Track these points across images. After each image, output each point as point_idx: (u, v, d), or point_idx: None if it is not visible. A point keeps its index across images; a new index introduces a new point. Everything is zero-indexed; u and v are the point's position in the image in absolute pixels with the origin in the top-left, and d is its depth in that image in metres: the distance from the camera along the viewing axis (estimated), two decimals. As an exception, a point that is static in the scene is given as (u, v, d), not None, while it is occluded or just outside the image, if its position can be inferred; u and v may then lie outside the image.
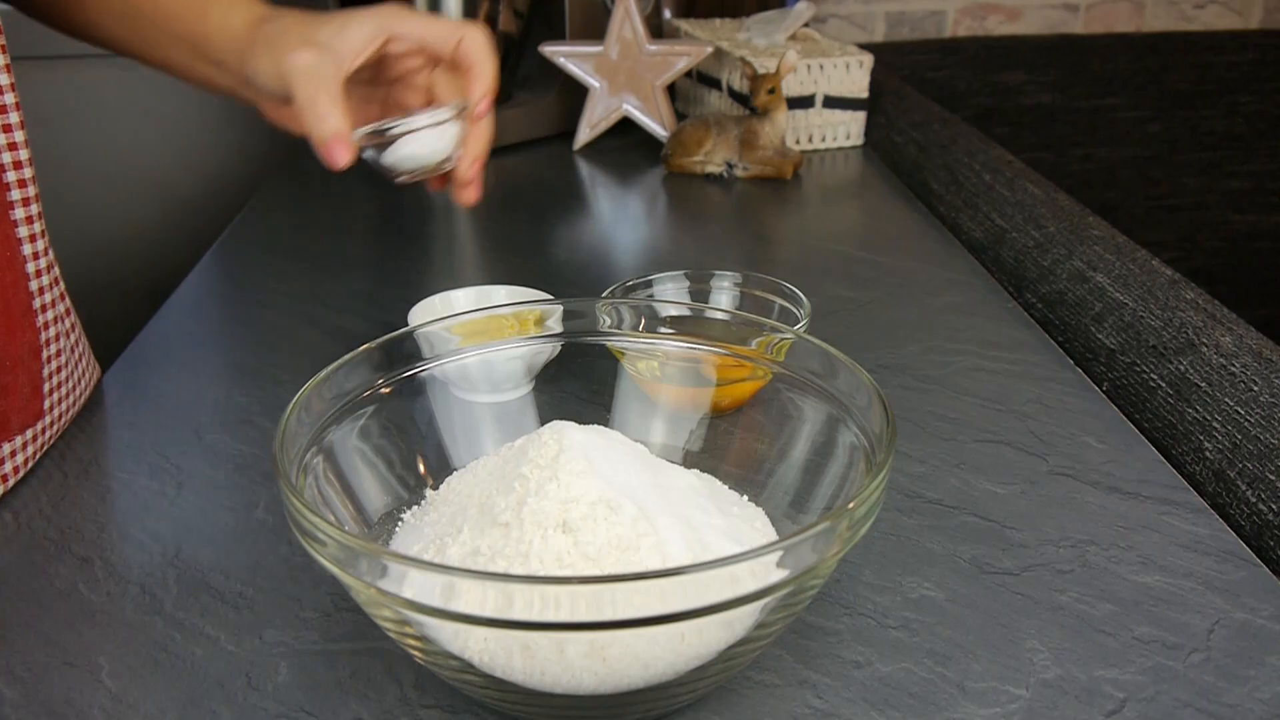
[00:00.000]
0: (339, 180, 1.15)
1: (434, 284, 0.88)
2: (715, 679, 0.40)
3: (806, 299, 0.64)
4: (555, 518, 0.39)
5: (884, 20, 1.67)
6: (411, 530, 0.46)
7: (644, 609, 0.33)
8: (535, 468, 0.41)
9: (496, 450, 0.48)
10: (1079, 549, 0.51)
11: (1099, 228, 0.84)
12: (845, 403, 0.46)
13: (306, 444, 0.43)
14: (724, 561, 0.33)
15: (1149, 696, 0.42)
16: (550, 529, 0.39)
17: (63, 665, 0.44)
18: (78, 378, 0.63)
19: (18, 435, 0.57)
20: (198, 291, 0.85)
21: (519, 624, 0.33)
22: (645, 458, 0.45)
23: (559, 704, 0.38)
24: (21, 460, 0.57)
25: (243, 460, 0.59)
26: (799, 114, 1.18)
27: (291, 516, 0.37)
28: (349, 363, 0.46)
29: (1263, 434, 0.57)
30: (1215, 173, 1.65)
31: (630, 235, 0.99)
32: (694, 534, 0.41)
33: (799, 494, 0.47)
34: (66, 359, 0.61)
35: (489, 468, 0.46)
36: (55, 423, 0.61)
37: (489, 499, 0.42)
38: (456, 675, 0.39)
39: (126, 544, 0.52)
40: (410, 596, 0.34)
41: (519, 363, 0.53)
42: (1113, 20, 1.72)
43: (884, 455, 0.40)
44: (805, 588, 0.37)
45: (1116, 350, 0.71)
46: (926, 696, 0.42)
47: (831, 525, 0.35)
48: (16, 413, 0.57)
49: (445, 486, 0.48)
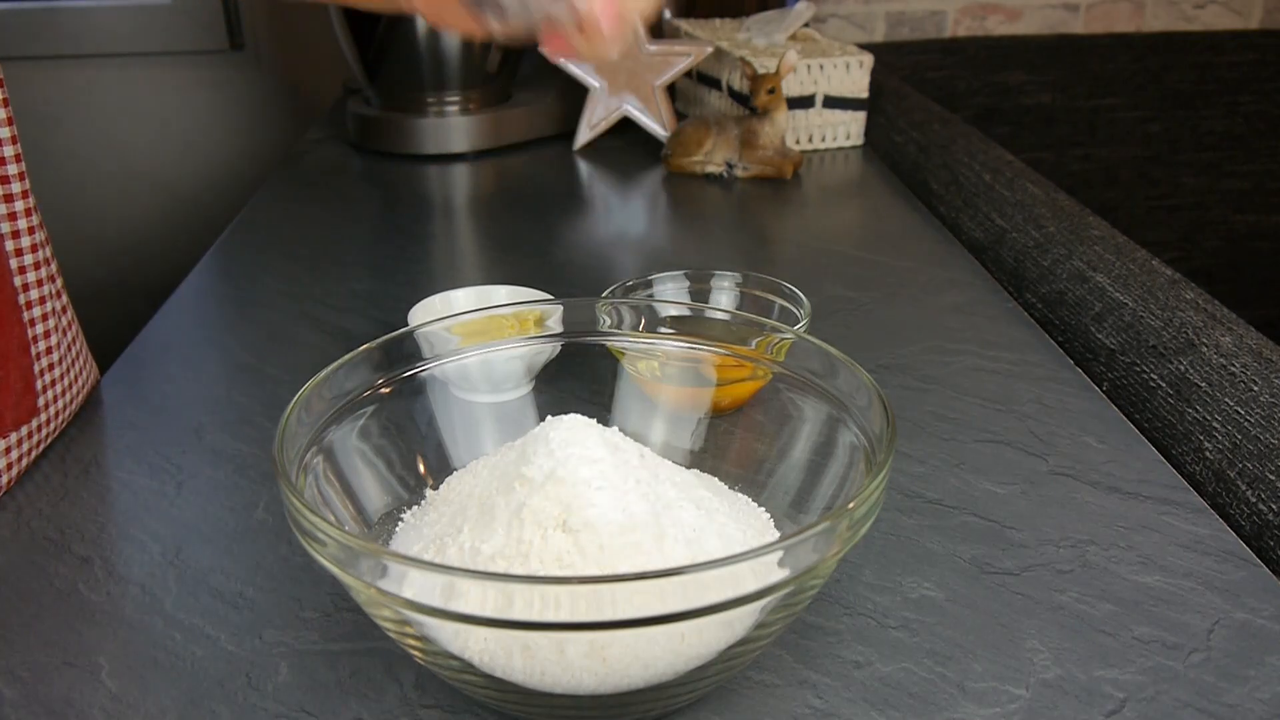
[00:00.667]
0: (339, 180, 1.15)
1: (434, 284, 0.88)
2: (715, 679, 0.40)
3: (806, 299, 0.64)
4: (555, 518, 0.39)
5: (884, 20, 1.67)
6: (411, 530, 0.46)
7: (644, 609, 0.33)
8: (536, 468, 0.41)
9: (496, 450, 0.48)
10: (1079, 549, 0.51)
11: (1099, 228, 0.84)
12: (845, 402, 0.46)
13: (306, 444, 0.43)
14: (724, 561, 0.33)
15: (1149, 696, 0.42)
16: (550, 529, 0.39)
17: (63, 665, 0.44)
18: (74, 376, 0.63)
19: (12, 432, 0.57)
20: (198, 291, 0.85)
21: (519, 624, 0.33)
22: (647, 456, 0.45)
23: (559, 704, 0.38)
24: (16, 457, 0.57)
25: (243, 460, 0.59)
26: (799, 114, 1.18)
27: (291, 516, 0.37)
28: (349, 363, 0.46)
29: (1263, 434, 0.57)
30: (1215, 173, 1.65)
31: (630, 235, 0.99)
32: (694, 534, 0.41)
33: (799, 494, 0.47)
34: (62, 357, 0.61)
35: (489, 467, 0.46)
36: (52, 420, 0.60)
37: (489, 499, 0.42)
38: (457, 675, 0.39)
39: (126, 544, 0.52)
40: (410, 596, 0.34)
41: (519, 363, 0.53)
42: (1113, 20, 1.72)
43: (884, 455, 0.40)
44: (805, 588, 0.37)
45: (1116, 350, 0.71)
46: (926, 696, 0.42)
47: (832, 525, 0.35)
48: (10, 409, 0.56)
49: (445, 486, 0.48)
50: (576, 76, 1.19)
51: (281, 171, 1.18)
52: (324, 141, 1.28)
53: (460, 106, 1.20)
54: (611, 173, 1.15)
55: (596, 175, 1.15)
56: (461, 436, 0.51)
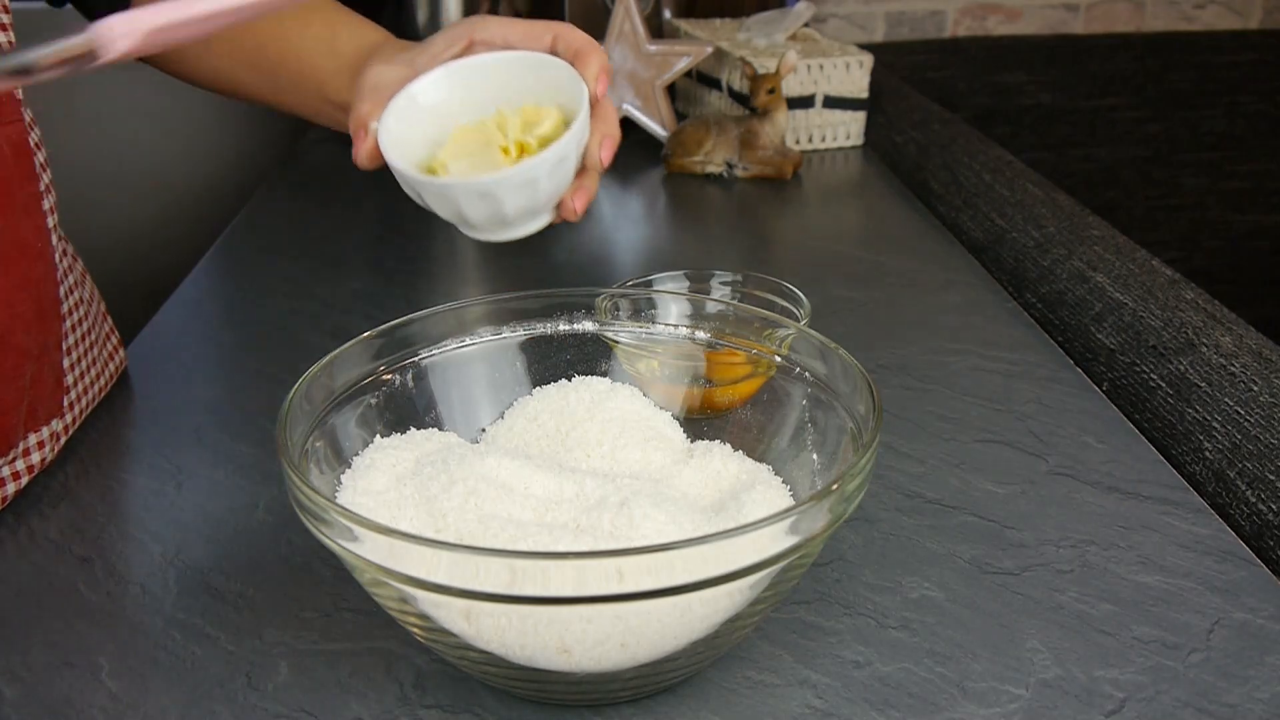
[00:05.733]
0: (339, 180, 1.15)
1: (434, 284, 0.88)
2: (709, 655, 0.41)
3: (806, 299, 0.64)
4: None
5: (884, 20, 1.67)
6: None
7: (647, 584, 0.34)
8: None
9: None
10: (1079, 549, 0.51)
11: (1099, 228, 0.84)
12: (834, 388, 0.46)
13: (309, 428, 0.43)
14: (715, 537, 0.34)
15: (1149, 696, 0.42)
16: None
17: (63, 665, 0.44)
18: (100, 367, 0.64)
19: (44, 426, 0.58)
20: (198, 291, 0.85)
21: (522, 599, 0.34)
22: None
23: (551, 679, 0.39)
24: (50, 451, 0.58)
25: (243, 460, 0.59)
26: (799, 114, 1.18)
27: (295, 498, 0.37)
28: (349, 350, 0.47)
29: (1263, 434, 0.57)
30: (1215, 173, 1.65)
31: (630, 235, 0.99)
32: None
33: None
34: (87, 350, 0.62)
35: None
36: (79, 408, 0.62)
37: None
38: (455, 651, 0.39)
39: (126, 544, 0.52)
40: (413, 574, 0.34)
41: (529, 190, 0.49)
42: (1113, 20, 1.72)
43: (869, 436, 0.41)
44: (799, 564, 0.38)
45: (1116, 350, 0.71)
46: (926, 696, 0.42)
47: (819, 502, 0.37)
48: (43, 403, 0.58)
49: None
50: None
51: (281, 171, 1.18)
52: (324, 141, 1.28)
53: (460, 106, 1.19)
54: (611, 173, 1.15)
55: (596, 175, 1.15)
56: (461, 420, 0.51)
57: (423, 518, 0.41)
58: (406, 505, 0.42)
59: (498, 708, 0.42)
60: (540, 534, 0.39)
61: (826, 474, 0.45)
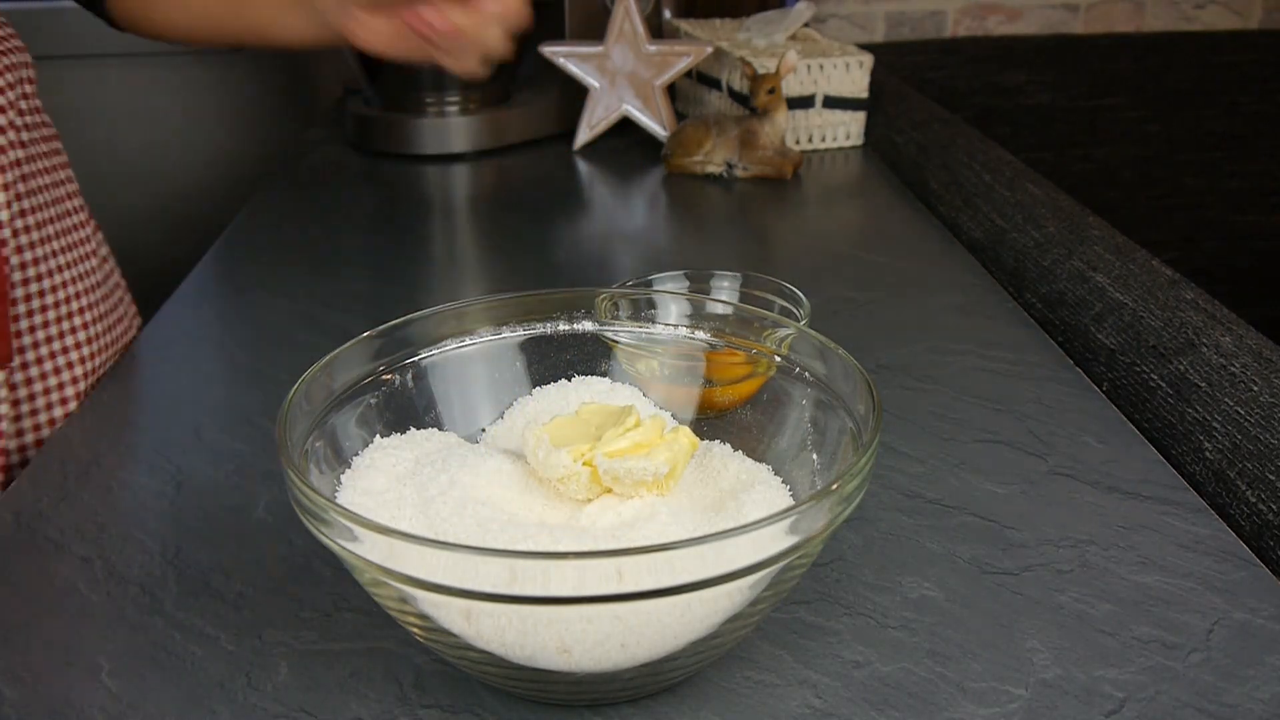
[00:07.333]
0: (339, 180, 1.15)
1: (434, 284, 0.88)
2: (709, 655, 0.40)
3: (806, 299, 0.64)
4: None
5: (884, 20, 1.67)
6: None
7: (648, 583, 0.34)
8: None
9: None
10: (1079, 549, 0.51)
11: (1099, 228, 0.84)
12: (834, 388, 0.46)
13: (309, 428, 0.43)
14: (718, 536, 0.34)
15: (1149, 696, 0.42)
16: None
17: (63, 665, 0.44)
18: (115, 319, 0.66)
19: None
20: (198, 291, 0.85)
21: (522, 599, 0.34)
22: None
23: (553, 679, 0.39)
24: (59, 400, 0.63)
25: (243, 460, 0.59)
26: (799, 114, 1.18)
27: (295, 498, 0.37)
28: (349, 350, 0.47)
29: (1263, 434, 0.57)
30: (1215, 173, 1.65)
31: (630, 235, 0.99)
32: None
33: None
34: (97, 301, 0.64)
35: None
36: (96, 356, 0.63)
37: None
38: (455, 651, 0.39)
39: (126, 544, 0.52)
40: (413, 574, 0.34)
41: None
42: (1113, 20, 1.72)
43: (869, 436, 0.41)
44: (800, 563, 0.38)
45: (1116, 350, 0.71)
46: (926, 696, 0.42)
47: (819, 502, 0.36)
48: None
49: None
50: (576, 76, 1.19)
51: (281, 171, 1.18)
52: (324, 141, 1.28)
53: (460, 106, 1.20)
54: (611, 173, 1.15)
55: (596, 175, 1.15)
56: (461, 421, 0.51)
57: (422, 518, 0.41)
58: (406, 505, 0.42)
59: (498, 708, 0.42)
60: (540, 534, 0.39)
61: (826, 474, 0.45)
